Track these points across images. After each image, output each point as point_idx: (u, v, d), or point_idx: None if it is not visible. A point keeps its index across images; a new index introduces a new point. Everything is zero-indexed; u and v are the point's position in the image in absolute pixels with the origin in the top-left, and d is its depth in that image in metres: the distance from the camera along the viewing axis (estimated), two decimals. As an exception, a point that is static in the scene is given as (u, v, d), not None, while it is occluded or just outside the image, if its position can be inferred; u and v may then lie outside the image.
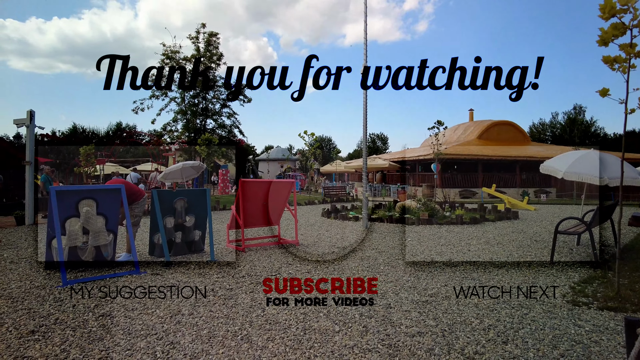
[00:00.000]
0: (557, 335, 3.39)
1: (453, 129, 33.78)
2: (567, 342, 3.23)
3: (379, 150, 66.68)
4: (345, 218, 11.85)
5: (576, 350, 3.09)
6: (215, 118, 25.51)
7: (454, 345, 3.18)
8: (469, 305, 4.18)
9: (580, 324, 3.63)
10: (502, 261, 6.30)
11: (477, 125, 32.51)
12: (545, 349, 3.12)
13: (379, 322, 3.69)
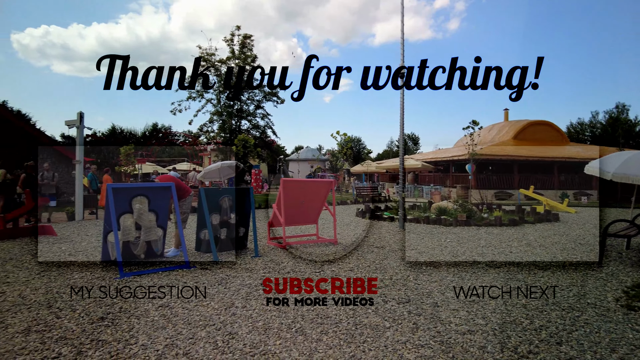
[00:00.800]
0: (614, 339, 3.34)
1: (488, 129, 33.03)
2: (625, 346, 3.19)
3: (410, 151, 65.98)
4: (380, 218, 11.86)
5: (637, 355, 3.04)
6: (249, 119, 26.05)
7: (506, 344, 3.20)
8: (517, 305, 4.17)
9: (638, 329, 3.56)
10: (546, 262, 6.19)
11: (513, 125, 31.65)
12: (603, 351, 3.09)
13: (428, 319, 3.74)
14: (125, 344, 3.15)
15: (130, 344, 3.15)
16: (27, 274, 5.35)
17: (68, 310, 3.91)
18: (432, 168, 29.30)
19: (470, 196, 18.92)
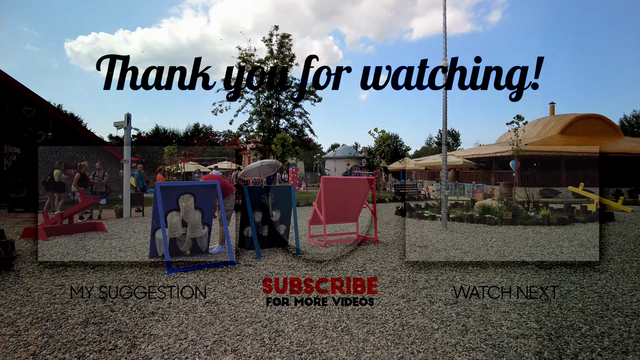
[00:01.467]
0: (686, 347, 3.09)
1: (532, 124, 31.64)
2: (699, 356, 2.95)
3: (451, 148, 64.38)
4: (421, 217, 11.63)
5: None
6: (287, 118, 26.31)
7: (564, 351, 3.03)
8: (572, 309, 3.95)
9: None
10: (603, 265, 5.84)
11: (560, 119, 30.14)
12: (672, 360, 2.87)
13: (477, 321, 3.61)
14: (175, 339, 3.24)
15: (180, 339, 3.24)
16: (82, 268, 5.63)
17: (121, 304, 4.07)
18: (474, 165, 28.44)
19: (515, 194, 18.20)
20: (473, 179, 28.05)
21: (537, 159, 25.77)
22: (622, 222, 10.95)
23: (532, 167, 27.42)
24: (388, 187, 29.12)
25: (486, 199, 14.21)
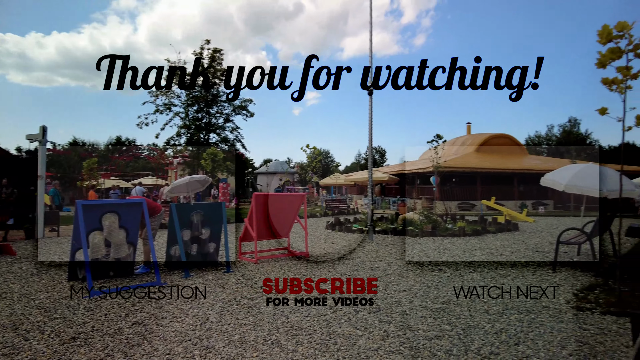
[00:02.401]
0: (565, 337, 3.64)
1: (451, 142, 34.23)
2: (574, 344, 3.49)
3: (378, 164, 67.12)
4: (350, 230, 12.09)
5: (583, 350, 3.35)
6: (218, 132, 25.92)
7: (470, 347, 3.43)
8: (479, 311, 4.43)
9: (585, 327, 3.89)
10: (506, 271, 6.56)
11: (475, 138, 33.00)
12: (555, 349, 3.38)
13: (397, 327, 3.93)
14: (101, 362, 3.15)
15: (106, 362, 3.16)
16: (-11, 295, 5.16)
17: (36, 332, 3.83)
18: (399, 180, 30.01)
19: (435, 207, 19.52)
20: (398, 193, 29.54)
21: (455, 174, 27.85)
22: (525, 232, 12.26)
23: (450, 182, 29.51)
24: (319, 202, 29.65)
25: (409, 212, 15.11)
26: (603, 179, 6.81)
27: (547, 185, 8.09)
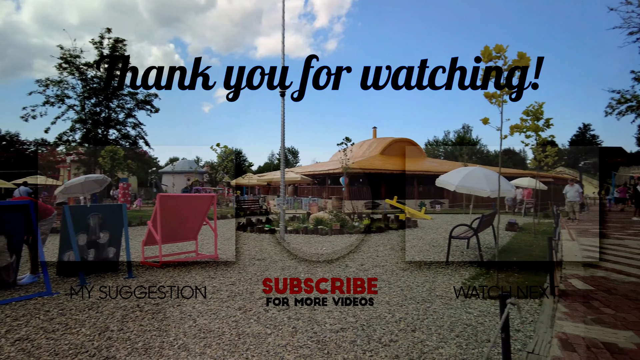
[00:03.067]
0: (453, 321, 4.09)
1: (359, 145, 35.87)
2: (460, 326, 3.94)
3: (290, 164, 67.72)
4: (262, 231, 12.06)
5: (467, 331, 3.79)
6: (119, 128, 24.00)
7: (372, 336, 3.68)
8: (381, 303, 4.76)
9: (470, 311, 4.40)
10: (406, 264, 7.10)
11: (380, 142, 34.98)
12: (445, 332, 3.78)
13: (306, 322, 4.06)
14: (-25, 386, 2.79)
15: (-18, 385, 2.81)
16: None
17: None
18: (310, 181, 30.62)
19: (344, 207, 20.31)
20: (310, 193, 30.15)
21: (362, 175, 29.23)
22: (423, 228, 13.34)
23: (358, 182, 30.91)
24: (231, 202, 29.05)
25: (320, 211, 15.54)
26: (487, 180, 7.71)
27: (441, 186, 8.93)
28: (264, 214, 20.26)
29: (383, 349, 3.42)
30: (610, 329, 3.80)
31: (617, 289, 5.30)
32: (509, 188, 8.01)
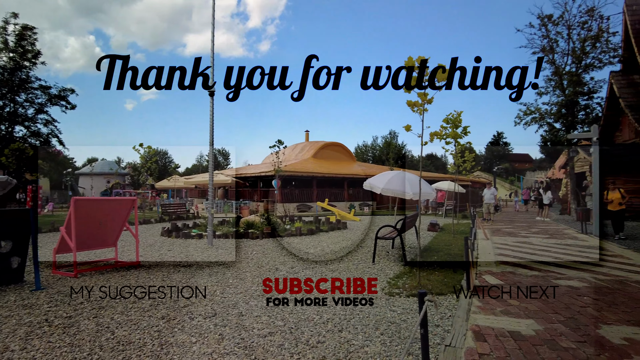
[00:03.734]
0: (378, 319, 4.24)
1: (292, 148, 35.97)
2: (385, 324, 4.10)
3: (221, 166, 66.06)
4: (188, 236, 11.61)
5: (391, 329, 3.95)
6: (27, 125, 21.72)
7: (300, 339, 3.70)
8: (311, 305, 4.80)
9: (394, 309, 4.60)
10: (335, 265, 7.24)
11: (312, 145, 35.38)
12: (370, 331, 3.90)
13: (233, 329, 3.98)
14: None
15: None
16: None
17: None
18: (242, 183, 30.10)
19: (276, 209, 20.23)
20: (240, 196, 29.61)
21: (294, 178, 29.33)
22: (352, 229, 13.70)
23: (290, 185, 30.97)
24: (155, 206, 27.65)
25: (251, 215, 15.32)
26: (409, 184, 8.12)
27: (369, 189, 9.25)
28: (192, 218, 19.54)
29: (310, 351, 3.45)
30: (515, 319, 4.18)
31: (522, 282, 5.85)
32: (430, 191, 8.52)
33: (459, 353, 3.36)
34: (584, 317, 4.24)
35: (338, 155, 35.69)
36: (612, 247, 9.24)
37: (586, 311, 4.45)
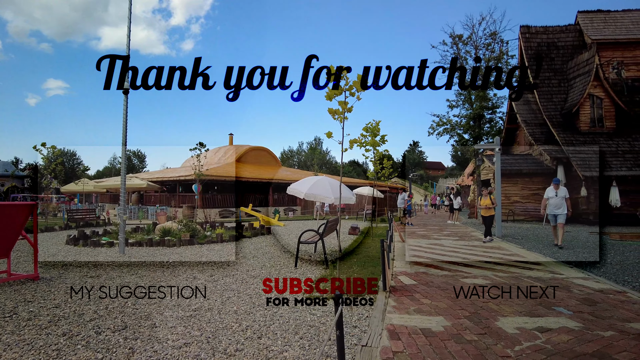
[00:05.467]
0: (298, 324, 4.26)
1: (214, 151, 34.95)
2: (304, 328, 4.13)
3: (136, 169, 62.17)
4: (97, 244, 10.72)
5: (310, 332, 3.99)
6: None
7: (217, 348, 3.59)
8: (229, 313, 4.68)
9: (313, 312, 4.65)
10: (256, 272, 7.15)
11: (236, 149, 34.71)
12: (290, 336, 3.91)
13: (145, 341, 3.74)
14: None
15: None
16: None
17: None
18: (159, 188, 28.56)
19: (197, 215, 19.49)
20: (158, 201, 28.10)
21: (217, 182, 28.54)
22: (276, 235, 13.65)
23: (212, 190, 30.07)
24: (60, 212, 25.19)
25: (169, 221, 14.59)
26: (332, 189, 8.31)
27: (293, 194, 9.30)
28: (102, 225, 18.10)
29: (228, 359, 3.36)
30: (426, 317, 4.46)
31: (434, 282, 6.25)
32: (350, 195, 8.80)
33: (375, 352, 3.49)
34: (486, 311, 4.64)
35: (263, 159, 35.42)
36: (511, 247, 10.25)
37: (487, 306, 4.87)
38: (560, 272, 6.80)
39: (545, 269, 7.15)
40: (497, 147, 13.40)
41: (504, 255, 8.83)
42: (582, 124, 19.77)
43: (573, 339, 3.66)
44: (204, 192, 25.50)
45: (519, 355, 3.31)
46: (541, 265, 7.56)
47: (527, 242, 11.11)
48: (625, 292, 5.45)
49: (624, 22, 22.63)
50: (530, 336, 3.76)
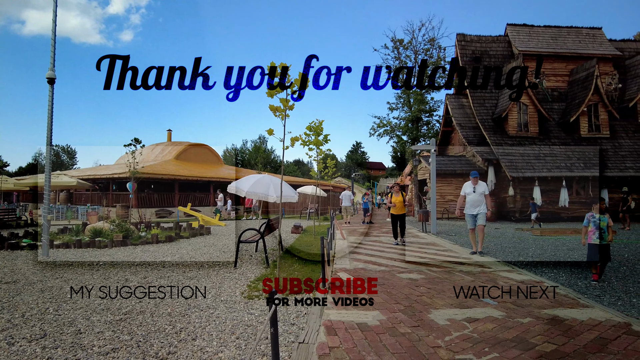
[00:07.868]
0: (235, 324, 4.18)
1: (151, 148, 33.39)
2: (241, 328, 4.06)
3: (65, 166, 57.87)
4: (17, 247, 9.83)
5: (247, 332, 3.94)
6: None
7: (149, 352, 3.43)
8: (162, 315, 4.50)
9: (251, 312, 4.59)
10: (194, 272, 6.93)
11: (175, 146, 33.40)
12: (226, 336, 3.82)
13: (67, 350, 3.49)
14: None
15: None
16: None
17: None
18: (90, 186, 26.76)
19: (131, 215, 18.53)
20: (89, 200, 26.36)
21: (153, 181, 27.28)
22: (216, 235, 13.31)
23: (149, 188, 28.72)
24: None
25: (100, 221, 13.72)
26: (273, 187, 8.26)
27: (234, 192, 9.10)
28: (24, 226, 16.65)
29: (159, 364, 3.22)
30: (363, 312, 4.56)
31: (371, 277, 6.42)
32: (292, 194, 8.79)
33: (312, 349, 3.51)
34: (419, 304, 4.84)
35: (204, 157, 34.36)
36: (444, 243, 10.78)
37: (421, 299, 5.08)
38: (488, 266, 7.27)
39: (475, 263, 7.60)
40: (433, 149, 14.04)
41: (439, 251, 9.27)
42: (510, 128, 21.30)
43: (497, 327, 3.92)
44: (140, 190, 24.28)
45: (448, 345, 3.48)
46: (472, 260, 8.03)
47: (460, 239, 11.75)
48: (543, 282, 5.94)
49: (545, 36, 24.69)
50: (459, 326, 3.97)
